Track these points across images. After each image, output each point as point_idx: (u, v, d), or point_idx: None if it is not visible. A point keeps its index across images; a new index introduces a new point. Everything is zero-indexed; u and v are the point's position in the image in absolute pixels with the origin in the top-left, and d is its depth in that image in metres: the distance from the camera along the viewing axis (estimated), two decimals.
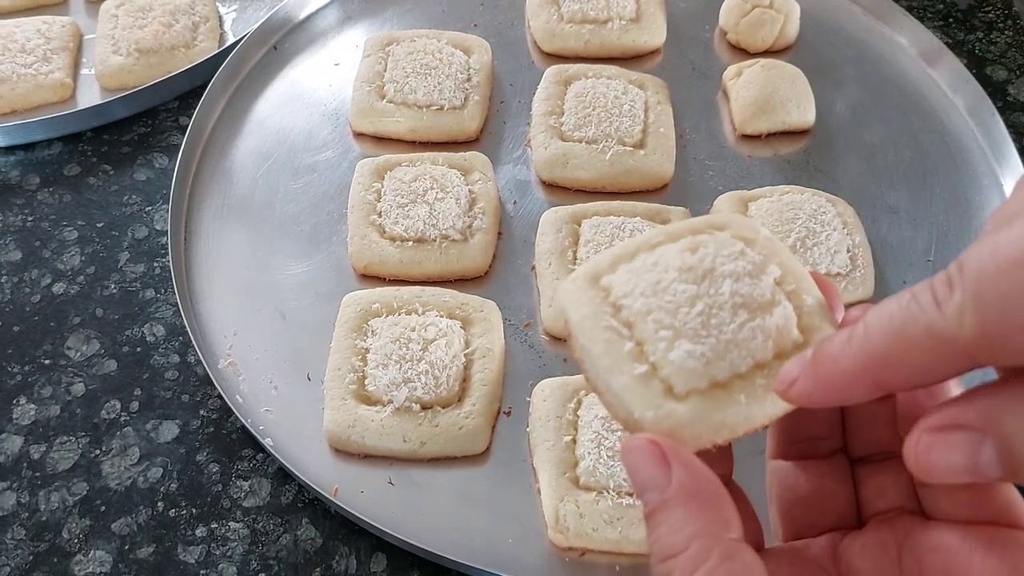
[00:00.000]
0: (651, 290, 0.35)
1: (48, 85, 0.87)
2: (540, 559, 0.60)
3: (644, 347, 0.34)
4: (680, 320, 0.34)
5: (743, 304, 0.34)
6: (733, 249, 0.36)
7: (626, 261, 0.37)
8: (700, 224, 0.38)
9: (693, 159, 0.84)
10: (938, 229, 0.80)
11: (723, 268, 0.35)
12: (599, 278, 0.37)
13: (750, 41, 0.92)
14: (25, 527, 0.63)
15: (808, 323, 0.35)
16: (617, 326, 0.35)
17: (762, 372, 0.34)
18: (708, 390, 0.33)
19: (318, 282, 0.74)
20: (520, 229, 0.78)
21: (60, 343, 0.72)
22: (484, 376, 0.66)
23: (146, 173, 0.84)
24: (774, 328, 0.34)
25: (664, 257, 0.36)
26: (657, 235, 0.38)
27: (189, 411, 0.69)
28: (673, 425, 0.32)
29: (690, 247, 0.36)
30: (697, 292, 0.34)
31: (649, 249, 0.37)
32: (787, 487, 0.38)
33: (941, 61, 0.91)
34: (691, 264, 0.35)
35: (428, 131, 0.82)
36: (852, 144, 0.86)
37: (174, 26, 0.91)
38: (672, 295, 0.34)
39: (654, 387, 0.33)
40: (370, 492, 0.63)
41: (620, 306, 0.35)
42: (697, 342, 0.33)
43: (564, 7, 0.91)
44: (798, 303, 0.36)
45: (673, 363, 0.33)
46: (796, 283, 0.36)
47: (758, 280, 0.35)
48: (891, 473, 0.36)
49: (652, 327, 0.34)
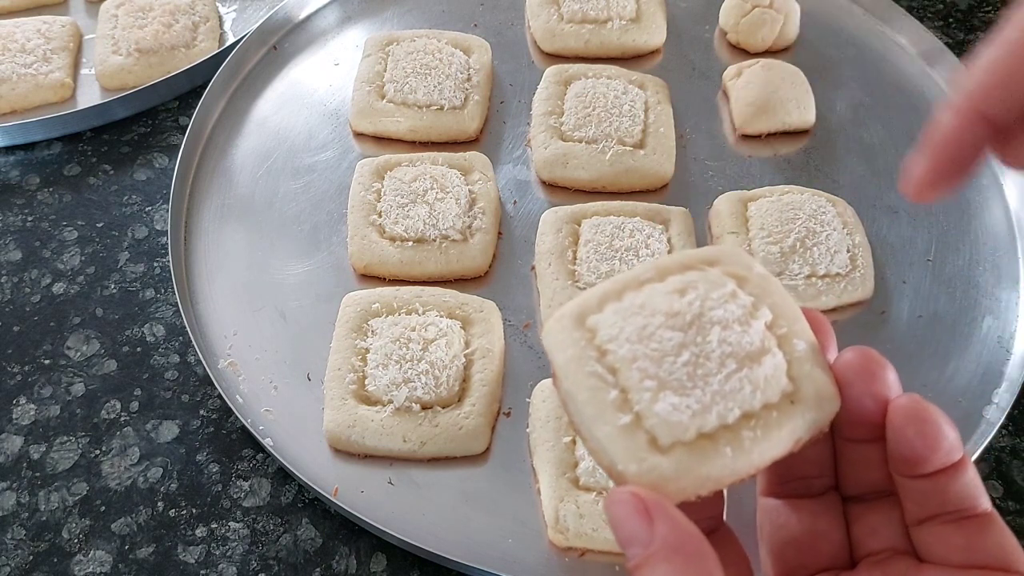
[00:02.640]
0: (637, 336, 0.34)
1: (48, 85, 0.87)
2: (540, 559, 0.60)
3: (629, 395, 0.33)
4: (665, 370, 0.33)
5: (731, 354, 0.34)
6: (724, 291, 0.35)
7: (614, 299, 0.36)
8: (692, 259, 0.37)
9: (693, 159, 0.84)
10: (938, 229, 0.80)
11: (712, 314, 0.34)
12: (585, 317, 0.36)
13: (750, 41, 0.92)
14: (25, 527, 0.63)
15: (799, 371, 0.34)
16: (602, 372, 0.34)
17: (749, 423, 0.33)
18: (694, 442, 0.32)
19: (318, 282, 0.74)
20: (520, 229, 0.78)
21: (60, 343, 0.72)
22: (484, 376, 0.66)
23: (146, 173, 0.84)
24: (762, 378, 0.33)
25: (652, 299, 0.35)
26: (647, 271, 0.37)
27: (189, 411, 0.69)
28: (657, 479, 0.32)
29: (679, 288, 0.35)
30: (684, 340, 0.34)
31: (637, 287, 0.36)
32: (778, 527, 0.37)
33: (941, 61, 0.91)
34: (678, 309, 0.34)
35: (428, 131, 0.82)
36: (852, 144, 0.86)
37: (174, 26, 0.91)
38: (658, 342, 0.34)
39: (638, 439, 0.32)
40: (370, 492, 0.63)
41: (606, 350, 0.34)
42: (682, 394, 0.33)
43: (564, 7, 0.91)
44: (789, 349, 0.35)
45: (658, 415, 0.32)
46: (788, 326, 0.35)
47: (748, 326, 0.34)
48: (884, 512, 0.35)
49: (637, 376, 0.33)
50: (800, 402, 0.34)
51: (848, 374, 0.34)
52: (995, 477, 0.68)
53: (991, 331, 0.73)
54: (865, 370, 0.34)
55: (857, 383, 0.34)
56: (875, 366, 0.34)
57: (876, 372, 0.34)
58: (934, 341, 0.72)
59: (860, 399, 0.34)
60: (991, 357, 0.71)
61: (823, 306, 0.72)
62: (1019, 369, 0.70)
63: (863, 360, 0.34)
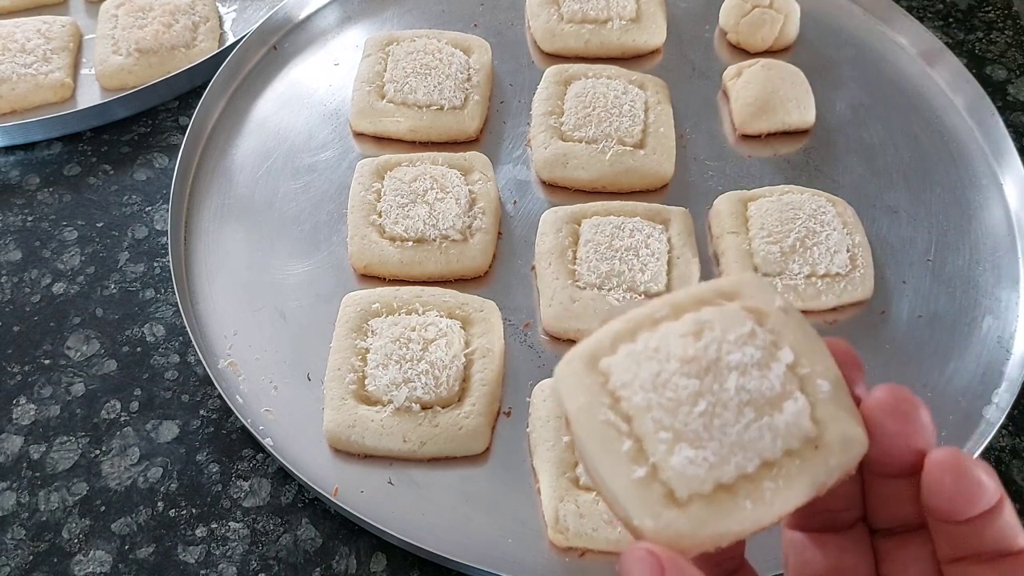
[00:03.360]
0: (651, 383, 0.33)
1: (48, 85, 0.87)
2: (540, 559, 0.60)
3: (644, 445, 0.32)
4: (681, 421, 0.32)
5: (749, 401, 0.32)
6: (741, 331, 0.34)
7: (627, 339, 0.35)
8: (708, 293, 0.36)
9: (693, 159, 0.84)
10: (938, 229, 0.80)
11: (729, 358, 0.33)
12: (598, 360, 0.34)
13: (750, 41, 0.92)
14: (25, 527, 0.63)
15: (823, 414, 0.33)
16: (615, 420, 0.33)
17: (770, 472, 0.32)
18: (712, 494, 0.31)
19: (318, 282, 0.74)
20: (520, 229, 0.78)
21: (60, 343, 0.72)
22: (484, 376, 0.66)
23: (146, 173, 0.84)
24: (783, 425, 0.32)
25: (666, 342, 0.34)
26: (661, 307, 0.35)
27: (189, 411, 0.69)
28: (674, 535, 0.31)
29: (694, 330, 0.34)
30: (700, 388, 0.32)
31: (652, 326, 0.35)
32: (804, 562, 0.36)
33: (941, 61, 0.91)
34: (694, 354, 0.33)
35: (428, 131, 0.82)
36: (852, 144, 0.86)
37: (174, 26, 0.91)
38: (673, 391, 0.32)
39: (654, 492, 0.31)
40: (370, 492, 0.63)
41: (619, 397, 0.33)
42: (699, 447, 0.32)
43: (564, 7, 0.91)
44: (812, 390, 0.33)
45: (674, 468, 0.31)
46: (811, 365, 0.34)
47: (767, 370, 0.33)
48: (914, 548, 0.34)
49: (652, 426, 0.32)
50: (824, 447, 0.32)
51: (879, 414, 0.33)
52: None
53: (991, 331, 0.73)
54: (897, 410, 0.32)
55: (888, 423, 0.32)
56: (907, 406, 0.32)
57: (908, 412, 0.32)
58: (934, 341, 0.72)
59: (892, 439, 0.32)
60: (991, 357, 0.71)
61: (823, 306, 0.72)
62: (1019, 369, 0.70)
63: (894, 400, 0.33)
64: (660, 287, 0.71)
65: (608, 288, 0.70)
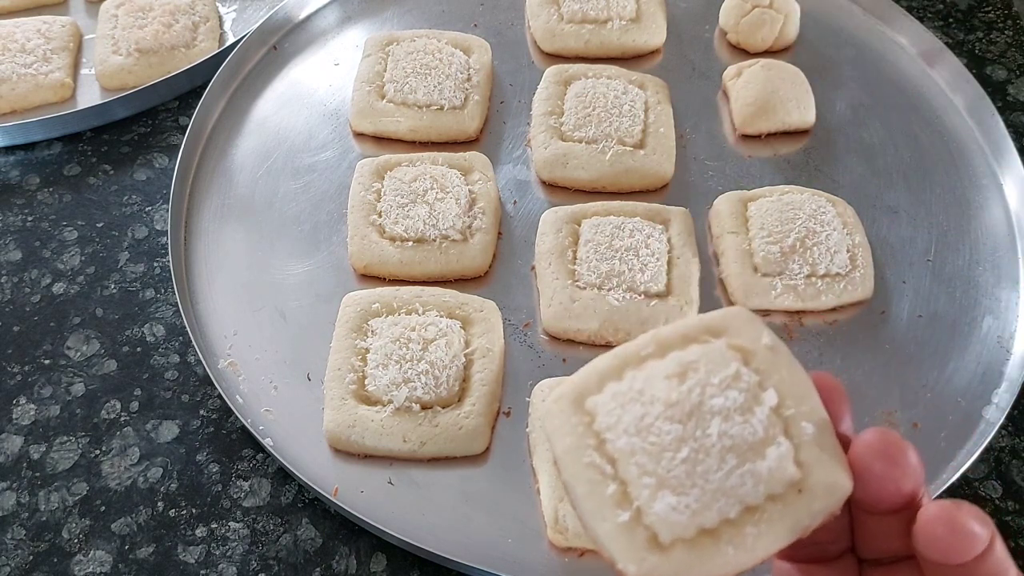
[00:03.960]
0: (635, 427, 0.33)
1: (48, 85, 0.87)
2: (540, 559, 0.60)
3: (628, 489, 0.33)
4: (664, 467, 0.32)
5: (732, 448, 0.32)
6: (726, 373, 0.34)
7: (614, 378, 0.35)
8: (695, 329, 0.36)
9: (693, 159, 0.84)
10: (938, 229, 0.80)
11: (712, 402, 0.33)
12: (584, 399, 0.35)
13: (750, 41, 0.92)
14: (25, 527, 0.63)
15: (807, 456, 0.33)
16: (600, 463, 0.33)
17: (753, 517, 0.32)
18: (695, 538, 0.32)
19: (318, 282, 0.74)
20: (520, 229, 0.78)
21: (60, 343, 0.72)
22: (484, 376, 0.66)
23: (146, 173, 0.84)
24: (766, 471, 0.32)
25: (651, 384, 0.34)
26: (647, 345, 0.36)
27: (189, 411, 0.69)
28: None
29: (679, 371, 0.34)
30: (683, 433, 0.33)
31: (638, 364, 0.35)
32: None
33: (941, 61, 0.91)
34: (677, 399, 0.33)
35: (428, 131, 0.82)
36: (852, 144, 0.86)
37: (174, 26, 0.91)
38: (657, 435, 0.33)
39: (638, 536, 0.32)
40: (370, 492, 0.63)
41: (604, 439, 0.34)
42: (681, 493, 0.32)
43: (564, 7, 0.91)
44: (796, 432, 0.33)
45: (657, 514, 0.32)
46: (796, 406, 0.34)
47: (750, 415, 0.33)
48: None
49: (636, 471, 0.33)
50: (808, 492, 0.32)
51: (868, 458, 0.33)
52: (995, 477, 0.68)
53: (991, 331, 0.73)
54: (885, 454, 0.33)
55: (877, 466, 0.33)
56: (895, 450, 0.32)
57: (896, 456, 0.32)
58: (934, 341, 0.72)
59: (880, 483, 0.33)
60: (991, 357, 0.71)
61: (823, 306, 0.72)
62: (1019, 369, 0.70)
63: (883, 444, 0.33)
64: (660, 287, 0.71)
65: (608, 288, 0.70)
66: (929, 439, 0.67)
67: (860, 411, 0.67)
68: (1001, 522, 0.65)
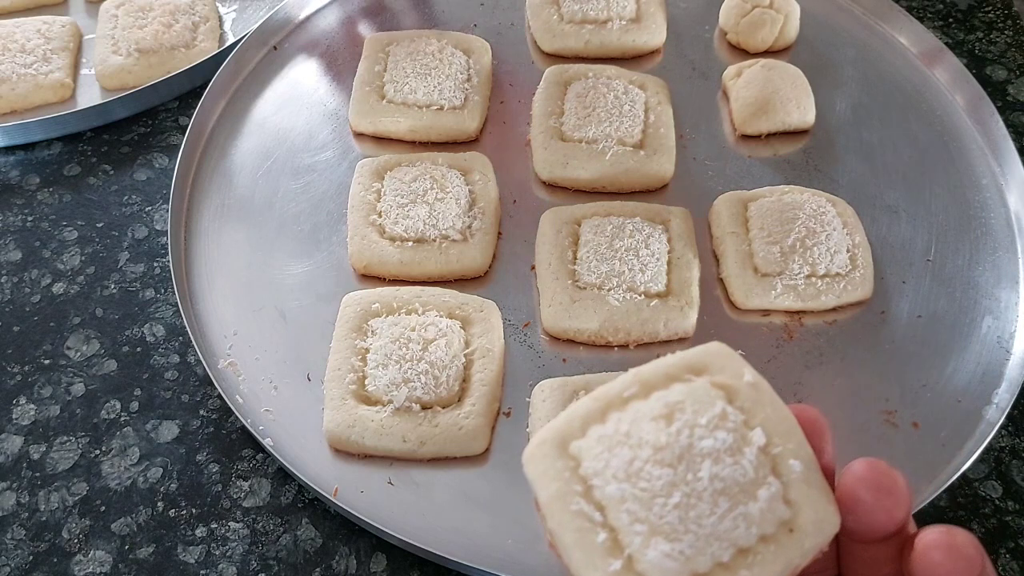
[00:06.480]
0: (624, 472, 0.33)
1: (48, 85, 0.87)
2: (540, 559, 0.60)
3: (619, 536, 0.32)
4: (656, 514, 0.32)
5: (723, 490, 0.32)
6: (712, 413, 0.34)
7: (597, 421, 0.34)
8: (676, 368, 0.35)
9: (693, 159, 0.84)
10: (938, 229, 0.80)
11: (702, 444, 0.33)
12: (568, 443, 0.34)
13: (750, 41, 0.92)
14: (25, 527, 0.63)
15: (796, 494, 0.33)
16: (588, 510, 0.32)
17: (746, 560, 0.32)
18: None
19: (318, 282, 0.74)
20: (520, 229, 0.78)
21: (60, 343, 0.72)
22: (484, 376, 0.66)
23: (146, 173, 0.84)
24: (758, 513, 0.32)
25: (637, 425, 0.33)
26: (630, 385, 0.35)
27: (189, 411, 0.69)
28: None
29: (665, 413, 0.34)
30: (673, 478, 0.32)
31: (621, 405, 0.35)
32: None
33: (941, 61, 0.91)
34: (666, 442, 0.33)
35: (428, 131, 0.82)
36: (852, 144, 0.86)
37: (174, 26, 0.91)
38: (647, 480, 0.32)
39: None
40: (370, 492, 0.63)
41: (591, 485, 0.33)
42: (674, 540, 0.31)
43: (564, 7, 0.91)
44: (785, 471, 0.33)
45: (650, 562, 0.31)
46: (783, 444, 0.34)
47: (740, 455, 0.33)
48: None
49: (627, 519, 0.32)
50: (799, 530, 0.32)
51: (858, 490, 0.33)
52: (995, 477, 0.68)
53: (991, 331, 0.73)
54: (876, 484, 0.33)
55: (868, 497, 0.33)
56: (886, 479, 0.33)
57: (887, 485, 0.33)
58: (934, 341, 0.72)
59: (872, 514, 0.33)
60: (991, 357, 0.71)
61: (823, 306, 0.72)
62: (1019, 369, 0.70)
63: (873, 475, 0.33)
64: (660, 287, 0.71)
65: (608, 288, 0.70)
66: (929, 439, 0.67)
67: (860, 411, 0.67)
68: (1001, 522, 0.65)
